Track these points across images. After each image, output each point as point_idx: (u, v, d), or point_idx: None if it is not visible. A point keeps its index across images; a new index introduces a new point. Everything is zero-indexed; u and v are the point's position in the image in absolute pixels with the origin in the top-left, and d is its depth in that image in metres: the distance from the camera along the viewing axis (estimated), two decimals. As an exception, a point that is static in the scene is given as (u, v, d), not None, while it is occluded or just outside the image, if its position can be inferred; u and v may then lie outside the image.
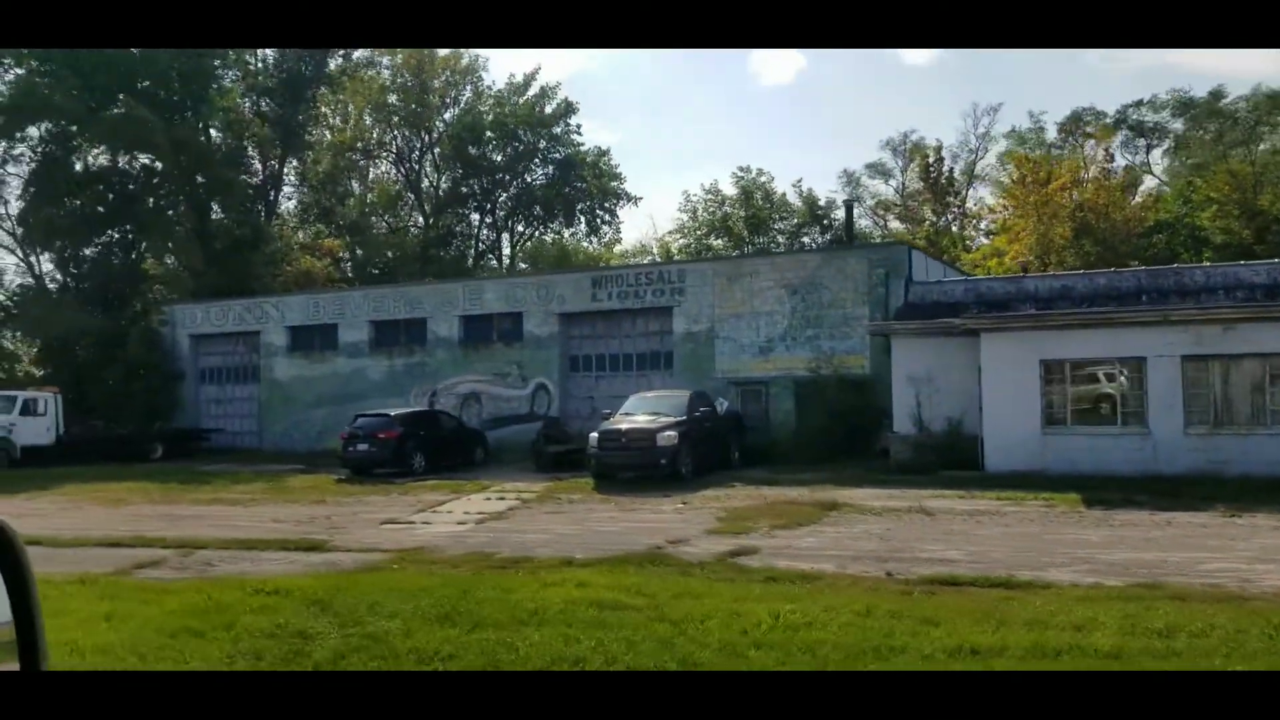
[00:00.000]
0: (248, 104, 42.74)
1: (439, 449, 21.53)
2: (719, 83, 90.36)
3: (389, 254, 52.62)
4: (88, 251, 37.67)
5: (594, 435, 17.41)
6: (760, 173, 54.92)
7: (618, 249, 58.62)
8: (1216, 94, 42.70)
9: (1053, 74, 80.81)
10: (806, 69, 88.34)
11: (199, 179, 36.53)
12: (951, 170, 50.66)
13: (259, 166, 44.37)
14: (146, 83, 34.80)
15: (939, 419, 17.51)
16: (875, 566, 8.63)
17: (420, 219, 55.26)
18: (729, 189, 54.63)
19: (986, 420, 16.07)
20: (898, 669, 5.05)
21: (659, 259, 56.24)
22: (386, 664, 5.48)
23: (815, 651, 5.43)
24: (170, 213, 36.88)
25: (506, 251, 56.51)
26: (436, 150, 53.71)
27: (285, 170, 48.43)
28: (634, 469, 16.87)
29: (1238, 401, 14.72)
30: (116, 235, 37.57)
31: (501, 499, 15.50)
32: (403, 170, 55.33)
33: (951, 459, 16.69)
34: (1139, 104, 46.62)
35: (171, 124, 34.26)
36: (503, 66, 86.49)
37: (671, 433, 16.84)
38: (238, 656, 5.74)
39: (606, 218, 54.96)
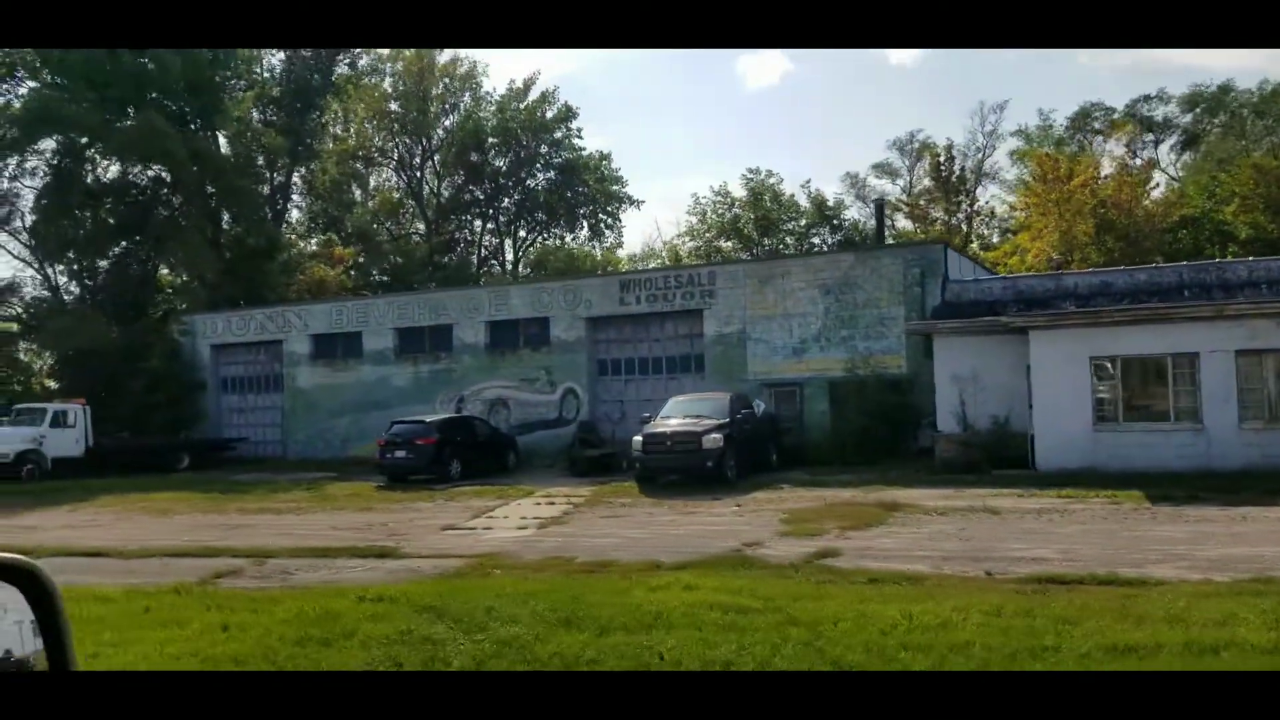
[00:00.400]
0: (255, 114, 42.75)
1: (474, 455, 21.49)
2: (705, 86, 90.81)
3: (396, 260, 52.59)
4: (102, 263, 37.67)
5: (637, 439, 17.35)
6: (769, 174, 54.92)
7: (625, 253, 58.70)
8: (1225, 88, 42.98)
9: (1040, 71, 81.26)
10: (793, 71, 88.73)
11: (211, 189, 36.49)
12: (962, 168, 50.74)
13: (268, 176, 44.39)
14: (154, 94, 34.75)
15: (984, 417, 17.48)
16: (971, 566, 8.58)
17: (422, 226, 55.31)
18: (738, 191, 54.56)
19: (1037, 418, 16.04)
20: (1055, 669, 5.01)
21: (668, 262, 56.34)
22: (531, 669, 5.42)
23: (966, 652, 5.38)
24: (185, 223, 36.77)
25: (510, 257, 56.52)
26: (436, 157, 53.82)
27: (292, 180, 48.54)
28: (679, 472, 16.83)
29: (1292, 395, 14.72)
30: (131, 247, 37.57)
31: (552, 504, 15.43)
32: (404, 177, 55.46)
33: (1000, 457, 16.65)
34: (1147, 98, 46.89)
35: (186, 135, 34.27)
36: (502, 73, 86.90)
37: (717, 435, 16.79)
38: (376, 664, 5.68)
39: (609, 221, 55.09)
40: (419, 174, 54.84)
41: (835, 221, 53.97)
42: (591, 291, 25.33)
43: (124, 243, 37.28)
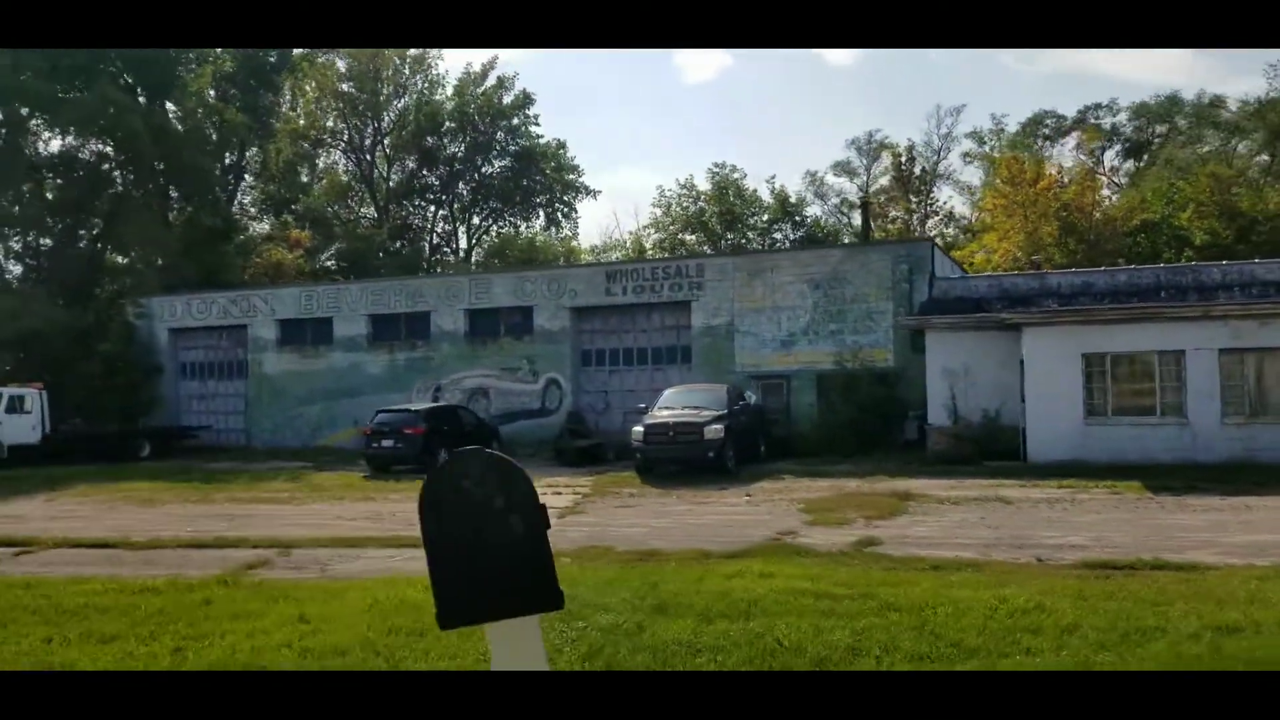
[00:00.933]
0: (211, 90, 41.38)
1: (459, 445, 21.13)
2: (642, 79, 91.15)
3: (353, 245, 51.52)
4: (46, 242, 36.04)
5: (638, 429, 17.34)
6: (733, 169, 55.24)
7: (587, 243, 58.58)
8: (1172, 99, 44.89)
9: (969, 74, 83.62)
10: (731, 66, 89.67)
11: (162, 166, 35.14)
12: (923, 169, 51.85)
13: (221, 155, 42.98)
14: (110, 66, 33.37)
15: (975, 411, 17.92)
16: (1017, 553, 8.82)
17: (371, 210, 54.36)
18: (703, 184, 54.76)
19: (1029, 412, 16.51)
20: (1170, 650, 5.19)
21: (633, 254, 56.41)
22: (656, 659, 5.40)
23: (1079, 634, 5.53)
24: (137, 202, 35.39)
25: (464, 244, 55.89)
26: (387, 140, 53.02)
27: (244, 159, 47.19)
28: (680, 462, 16.88)
29: (1272, 392, 15.44)
30: (75, 225, 36.00)
31: (559, 494, 15.32)
32: (353, 160, 54.48)
33: (991, 450, 17.12)
34: (1097, 107, 48.78)
35: (140, 109, 32.99)
36: (455, 57, 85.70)
37: (718, 426, 16.89)
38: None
39: (565, 211, 54.88)
40: (369, 157, 53.88)
41: (797, 218, 54.61)
42: (577, 281, 25.18)
43: (69, 220, 35.71)
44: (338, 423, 28.07)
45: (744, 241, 51.87)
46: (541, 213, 55.07)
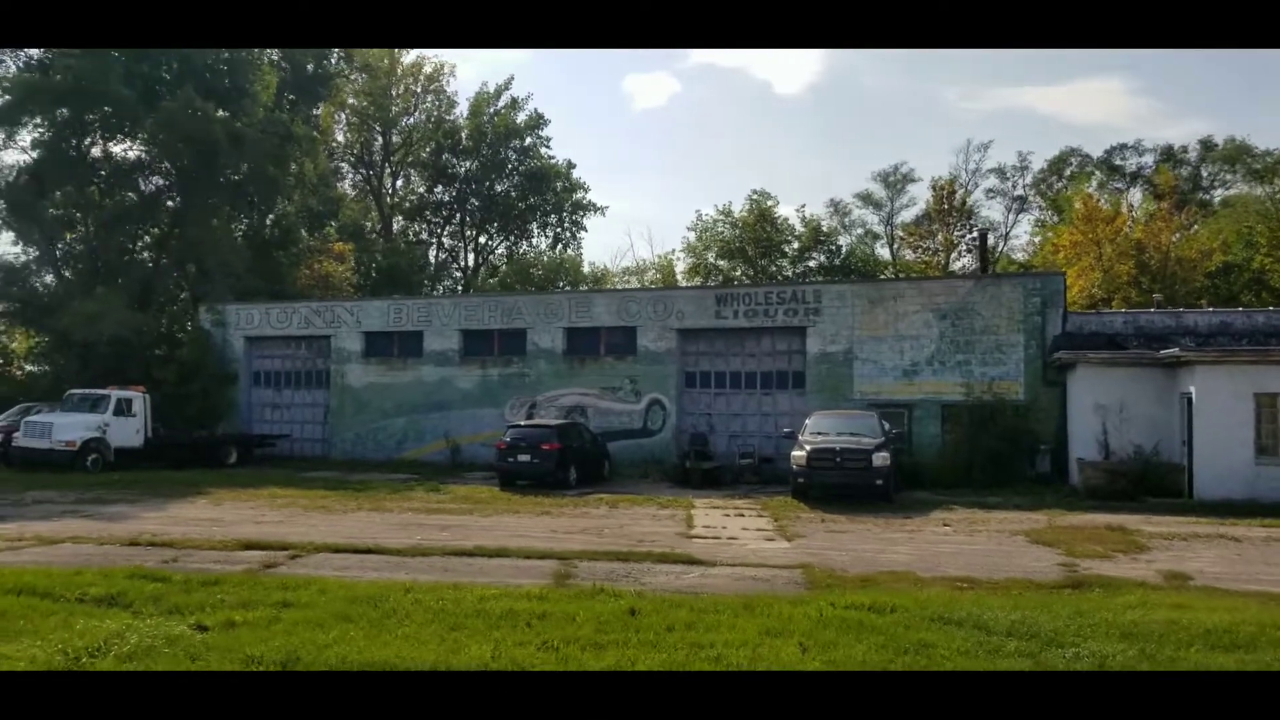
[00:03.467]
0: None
1: (582, 461, 21.09)
2: (596, 99, 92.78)
3: (380, 260, 51.27)
4: (120, 247, 35.54)
5: (798, 454, 17.29)
6: (765, 195, 55.68)
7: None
8: (1206, 144, 46.46)
9: (912, 108, 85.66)
10: (681, 92, 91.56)
11: (237, 176, 34.92)
12: (963, 201, 52.62)
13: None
14: (195, 72, 33.24)
15: (1126, 446, 18.04)
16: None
17: (380, 226, 54.59)
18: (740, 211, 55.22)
19: (1197, 449, 16.65)
20: None
21: (660, 277, 56.75)
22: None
23: None
24: (211, 211, 35.07)
25: (470, 262, 56.02)
26: (394, 157, 53.50)
27: (302, 170, 47.07)
28: (846, 488, 16.78)
29: None
30: (149, 231, 35.67)
31: (740, 515, 15.27)
32: (363, 175, 54.77)
33: (1149, 486, 17.20)
34: (1123, 148, 50.27)
35: (222, 118, 32.81)
36: (468, 75, 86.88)
37: (885, 454, 16.90)
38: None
39: (573, 230, 55.26)
40: (378, 172, 54.28)
41: (832, 248, 55.17)
42: (685, 303, 25.19)
43: (140, 226, 35.35)
44: (425, 436, 27.80)
45: (775, 270, 52.37)
46: (551, 232, 55.44)
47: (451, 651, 5.92)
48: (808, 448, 17.14)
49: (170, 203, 35.42)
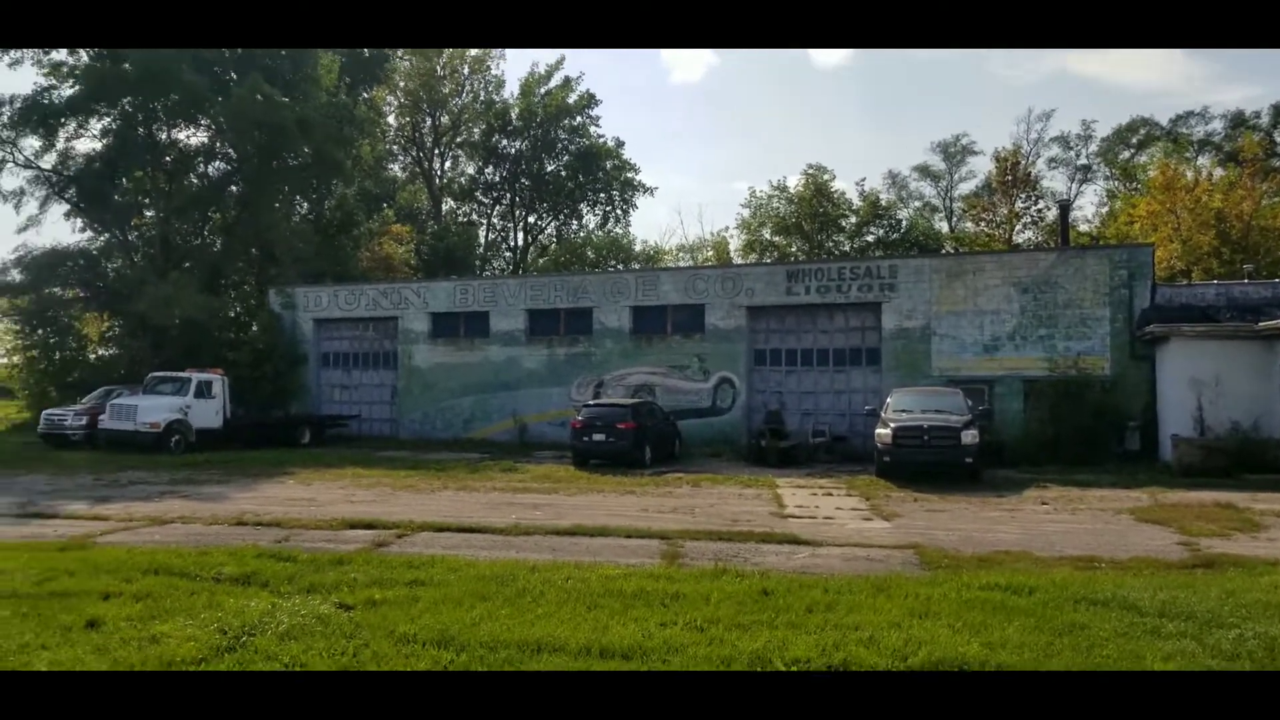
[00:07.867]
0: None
1: (656, 440, 21.05)
2: (630, 78, 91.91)
3: (449, 241, 51.84)
4: (193, 231, 36.35)
5: (883, 431, 17.02)
6: (822, 169, 54.85)
7: (669, 240, 58.78)
8: (1278, 108, 44.76)
9: (957, 78, 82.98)
10: (718, 65, 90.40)
11: (295, 161, 35.34)
12: (1029, 173, 51.24)
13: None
14: (262, 60, 33.68)
15: (1223, 422, 17.42)
16: None
17: (430, 207, 55.02)
18: (795, 186, 54.60)
19: (1304, 424, 16.01)
20: None
21: (715, 255, 56.38)
22: None
23: None
24: (277, 195, 35.64)
25: (520, 242, 56.14)
26: (444, 138, 53.76)
27: (360, 154, 47.60)
28: (935, 466, 16.46)
29: None
30: (217, 214, 36.36)
31: (828, 495, 15.08)
32: (412, 157, 55.12)
33: (1248, 463, 16.60)
34: (1189, 115, 48.47)
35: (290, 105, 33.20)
36: (515, 58, 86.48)
37: (974, 431, 16.55)
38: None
39: (624, 209, 55.07)
40: (428, 154, 54.64)
41: (890, 221, 54.39)
42: (755, 280, 24.91)
43: (210, 210, 36.04)
44: (492, 415, 28.05)
45: (833, 245, 51.62)
46: (601, 212, 55.38)
47: (599, 631, 5.89)
48: (893, 425, 16.84)
49: (234, 188, 36.03)
